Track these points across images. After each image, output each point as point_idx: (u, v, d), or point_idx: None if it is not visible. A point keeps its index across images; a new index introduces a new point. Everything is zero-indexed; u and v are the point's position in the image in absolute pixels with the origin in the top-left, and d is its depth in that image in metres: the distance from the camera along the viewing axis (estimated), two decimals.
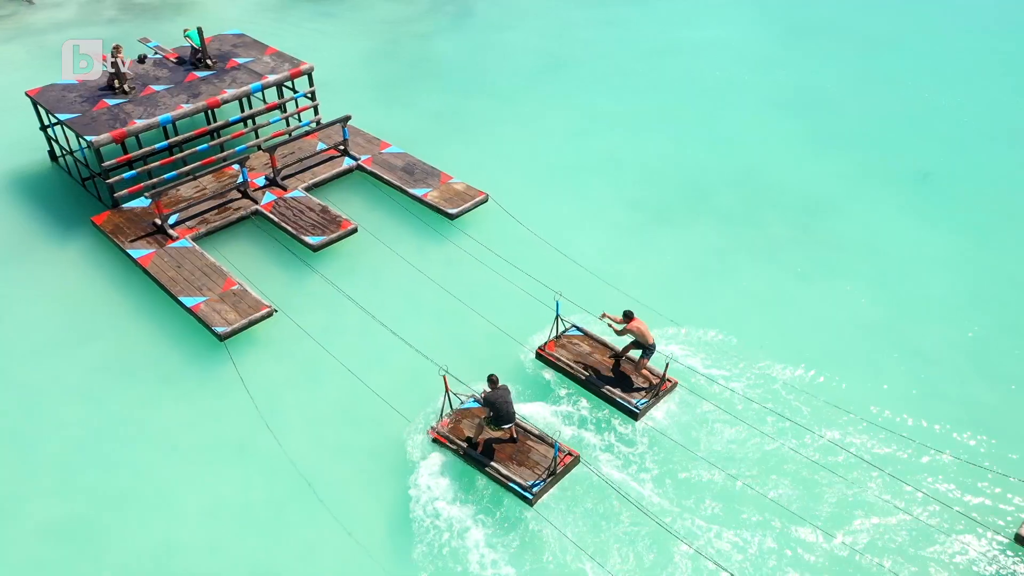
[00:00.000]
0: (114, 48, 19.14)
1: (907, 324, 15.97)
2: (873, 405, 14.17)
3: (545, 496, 12.74)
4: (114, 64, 19.16)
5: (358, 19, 29.27)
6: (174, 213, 17.82)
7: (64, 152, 19.82)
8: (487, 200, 18.78)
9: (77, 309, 16.33)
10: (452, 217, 18.19)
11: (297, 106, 21.42)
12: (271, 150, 18.75)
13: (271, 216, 18.09)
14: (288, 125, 21.25)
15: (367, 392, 14.30)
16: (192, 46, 20.45)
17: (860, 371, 14.89)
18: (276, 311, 15.76)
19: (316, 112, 21.29)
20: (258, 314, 15.41)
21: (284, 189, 18.90)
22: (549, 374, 14.87)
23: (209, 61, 20.45)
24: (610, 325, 14.36)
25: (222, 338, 15.03)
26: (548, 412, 14.14)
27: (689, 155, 21.27)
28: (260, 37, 23.04)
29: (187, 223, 17.90)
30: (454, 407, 13.87)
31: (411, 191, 18.86)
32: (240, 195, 18.73)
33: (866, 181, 20.03)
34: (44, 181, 20.07)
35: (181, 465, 13.41)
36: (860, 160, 20.88)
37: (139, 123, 18.10)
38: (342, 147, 20.15)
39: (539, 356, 14.97)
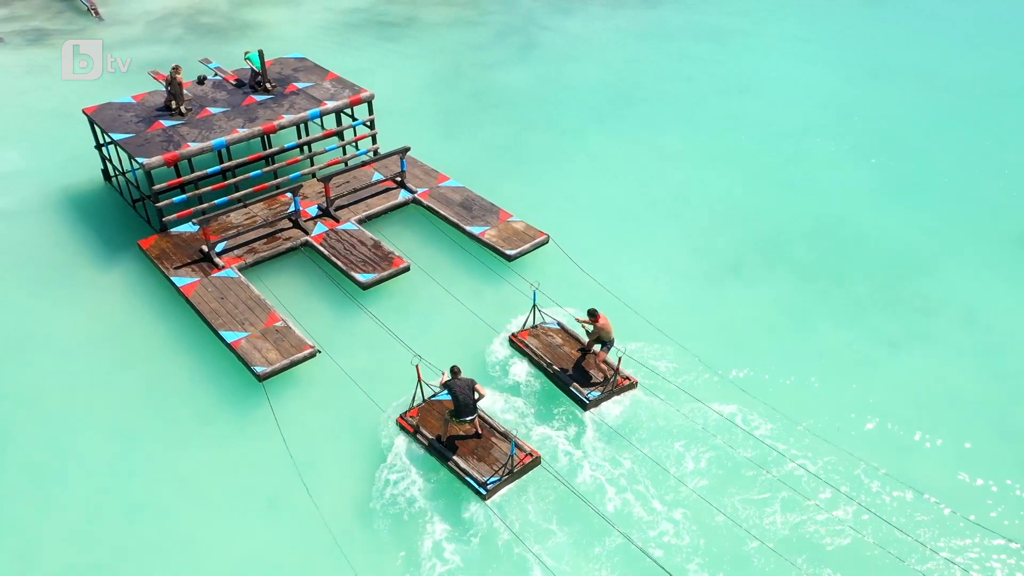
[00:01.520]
0: (173, 68, 18.68)
1: (1005, 401, 14.39)
2: (961, 491, 12.67)
3: (501, 493, 12.62)
4: (171, 83, 18.70)
5: (422, 46, 28.72)
6: (222, 240, 17.13)
7: (117, 172, 19.39)
8: (547, 241, 17.73)
9: (115, 337, 15.69)
10: (510, 259, 17.17)
11: (355, 134, 20.73)
12: (326, 179, 18.01)
13: (321, 249, 17.29)
14: (345, 153, 20.56)
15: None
16: (252, 69, 19.94)
17: (948, 450, 13.41)
18: (319, 351, 14.87)
19: (374, 141, 20.56)
20: (300, 354, 14.53)
21: (336, 220, 18.12)
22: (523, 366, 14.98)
23: (268, 85, 19.90)
24: (583, 325, 14.45)
25: (261, 378, 14.17)
26: (511, 404, 14.18)
27: (762, 201, 19.95)
28: (323, 60, 22.52)
29: (234, 252, 17.20)
30: (426, 397, 13.80)
31: (468, 229, 17.91)
32: (291, 224, 18.01)
33: (960, 239, 18.44)
34: (95, 200, 19.66)
35: (208, 516, 12.49)
36: (952, 215, 19.30)
37: (192, 146, 17.53)
38: (399, 179, 19.34)
39: (511, 342, 15.21)
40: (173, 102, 18.86)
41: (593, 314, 14.02)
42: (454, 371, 12.81)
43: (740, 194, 20.26)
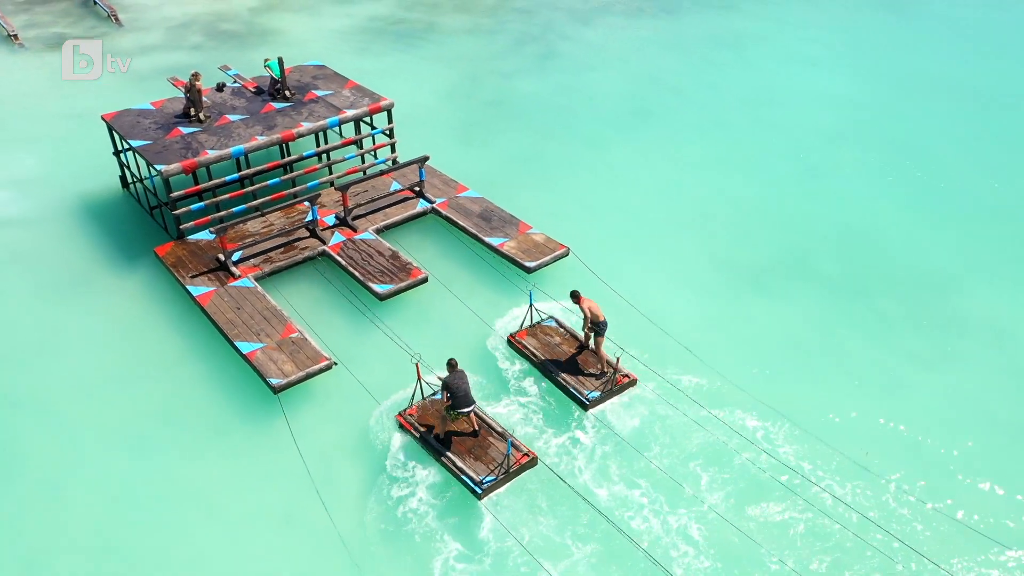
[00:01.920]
0: (193, 75, 18.57)
1: None
2: (1008, 520, 12.23)
3: (498, 492, 12.63)
4: (190, 90, 18.59)
5: (440, 54, 28.55)
6: (238, 249, 16.95)
7: (135, 179, 19.29)
8: (568, 254, 17.44)
9: (129, 346, 15.52)
10: (529, 271, 16.88)
11: (374, 143, 20.54)
12: (344, 188, 17.81)
13: (338, 259, 17.08)
14: (363, 162, 20.36)
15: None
16: (272, 76, 19.81)
17: (982, 473, 12.98)
18: (336, 364, 14.63)
19: (393, 150, 20.37)
20: (316, 367, 14.29)
21: (354, 230, 17.92)
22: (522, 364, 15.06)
23: (288, 92, 19.76)
24: (584, 330, 14.53)
25: (276, 391, 13.93)
26: (512, 405, 14.18)
27: (787, 214, 19.59)
28: (341, 68, 22.34)
29: (251, 260, 17.02)
30: (425, 396, 13.82)
31: (487, 240, 17.64)
32: (308, 233, 17.82)
33: (992, 256, 17.99)
34: (113, 207, 19.57)
35: (222, 531, 12.26)
36: (984, 231, 18.85)
37: (211, 154, 17.40)
38: (417, 188, 19.12)
39: (509, 343, 15.24)
40: (192, 109, 18.75)
41: (575, 296, 14.10)
42: (451, 364, 12.85)
43: (763, 205, 19.92)
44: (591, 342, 14.60)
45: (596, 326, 14.08)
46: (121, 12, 31.33)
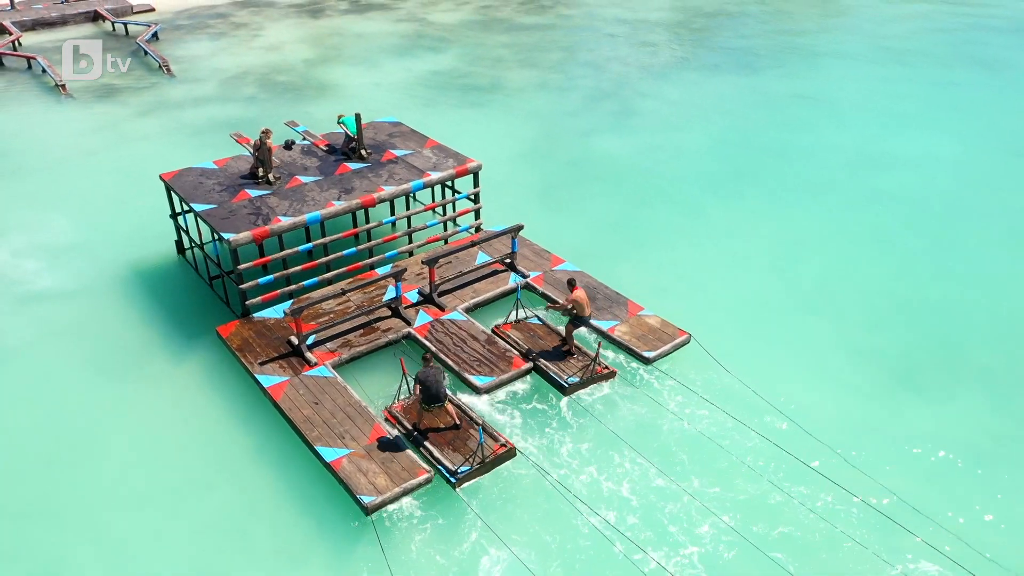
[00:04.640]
0: (263, 132, 16.68)
1: None
2: None
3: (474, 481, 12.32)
4: (259, 148, 16.72)
5: (510, 112, 26.77)
6: (313, 332, 14.75)
7: (193, 244, 17.30)
8: (689, 341, 15.15)
9: (189, 445, 13.31)
10: (648, 362, 14.57)
11: (455, 209, 18.51)
12: (432, 262, 15.68)
13: (426, 343, 14.89)
14: (446, 230, 18.31)
15: None
16: (346, 133, 17.94)
17: None
18: (435, 475, 12.32)
19: (477, 216, 18.32)
20: (414, 480, 11.97)
21: (441, 309, 15.76)
22: None
23: (364, 152, 17.85)
24: (557, 307, 14.69)
25: (369, 511, 11.60)
26: (494, 396, 14.03)
27: (926, 294, 17.21)
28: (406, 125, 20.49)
29: (327, 345, 14.85)
30: (411, 390, 13.69)
31: (594, 323, 15.37)
32: (390, 313, 15.67)
33: None
34: (168, 277, 17.57)
35: None
36: None
37: (284, 221, 15.40)
38: (508, 260, 16.99)
39: (494, 332, 15.27)
40: (260, 169, 16.86)
41: (572, 283, 14.28)
42: (426, 358, 12.82)
43: (896, 285, 17.55)
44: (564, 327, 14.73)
45: (580, 318, 14.31)
46: (173, 63, 29.95)
